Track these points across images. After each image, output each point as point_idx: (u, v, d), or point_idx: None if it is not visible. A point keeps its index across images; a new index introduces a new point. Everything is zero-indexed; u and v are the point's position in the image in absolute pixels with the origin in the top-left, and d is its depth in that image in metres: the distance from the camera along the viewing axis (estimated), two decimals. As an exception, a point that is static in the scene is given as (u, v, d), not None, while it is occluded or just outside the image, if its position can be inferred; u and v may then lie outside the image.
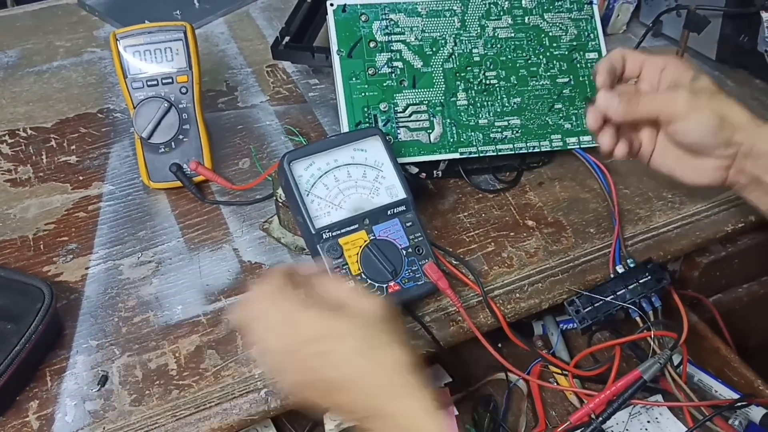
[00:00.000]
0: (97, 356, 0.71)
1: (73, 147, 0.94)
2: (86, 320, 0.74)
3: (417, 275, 0.73)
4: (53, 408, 0.67)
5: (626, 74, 0.66)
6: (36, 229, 0.84)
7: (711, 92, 0.62)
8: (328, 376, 0.54)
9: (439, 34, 0.86)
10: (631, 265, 0.78)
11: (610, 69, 0.64)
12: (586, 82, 0.89)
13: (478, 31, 0.87)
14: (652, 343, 0.76)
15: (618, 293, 0.77)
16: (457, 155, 0.85)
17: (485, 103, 0.86)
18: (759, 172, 0.62)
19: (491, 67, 0.87)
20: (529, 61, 0.88)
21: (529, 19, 0.88)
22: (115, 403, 0.68)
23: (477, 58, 0.86)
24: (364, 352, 0.54)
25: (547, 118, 0.87)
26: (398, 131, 0.83)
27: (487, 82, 0.86)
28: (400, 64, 0.84)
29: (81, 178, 0.90)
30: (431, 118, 0.84)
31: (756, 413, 0.74)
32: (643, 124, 0.67)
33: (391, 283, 0.72)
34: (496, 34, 0.87)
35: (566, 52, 0.89)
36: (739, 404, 0.74)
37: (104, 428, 0.66)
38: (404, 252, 0.73)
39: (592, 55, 0.89)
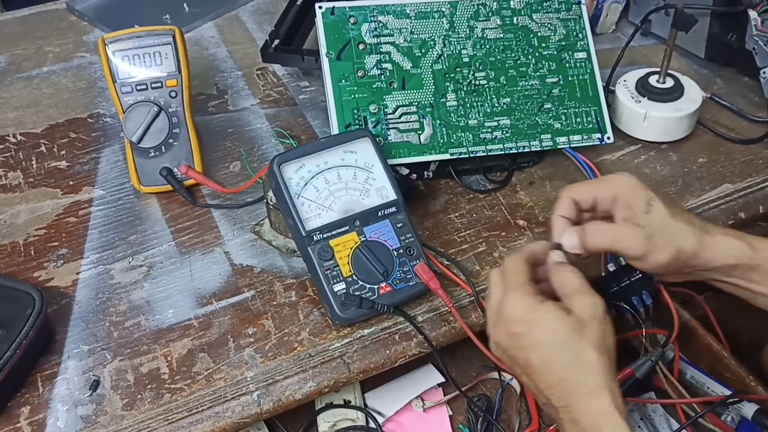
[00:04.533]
0: (89, 361, 0.71)
1: (63, 152, 0.94)
2: (77, 325, 0.74)
3: (408, 276, 0.73)
4: (45, 413, 0.67)
5: (583, 209, 0.68)
6: (26, 234, 0.84)
7: (664, 226, 0.63)
8: (521, 356, 0.59)
9: (428, 35, 0.86)
10: (623, 263, 0.78)
11: (562, 221, 0.67)
12: (575, 81, 0.89)
13: (467, 32, 0.87)
14: (643, 341, 0.76)
15: (609, 291, 0.77)
16: (447, 156, 0.85)
17: (475, 104, 0.86)
18: (716, 276, 0.66)
19: (480, 67, 0.87)
20: (518, 62, 0.88)
21: (517, 19, 0.89)
22: (107, 407, 0.67)
23: (466, 59, 0.87)
24: (560, 345, 0.57)
25: (536, 118, 0.87)
26: (388, 133, 0.83)
27: (477, 82, 0.86)
28: (389, 66, 0.84)
29: (71, 183, 0.90)
30: (421, 119, 0.84)
31: (748, 409, 0.74)
32: None
33: (383, 285, 0.72)
34: (485, 35, 0.88)
35: (555, 52, 0.89)
36: (731, 400, 0.74)
37: (96, 433, 0.66)
38: (395, 253, 0.73)
39: (581, 55, 0.90)
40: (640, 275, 0.76)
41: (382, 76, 0.84)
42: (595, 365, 0.56)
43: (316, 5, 0.84)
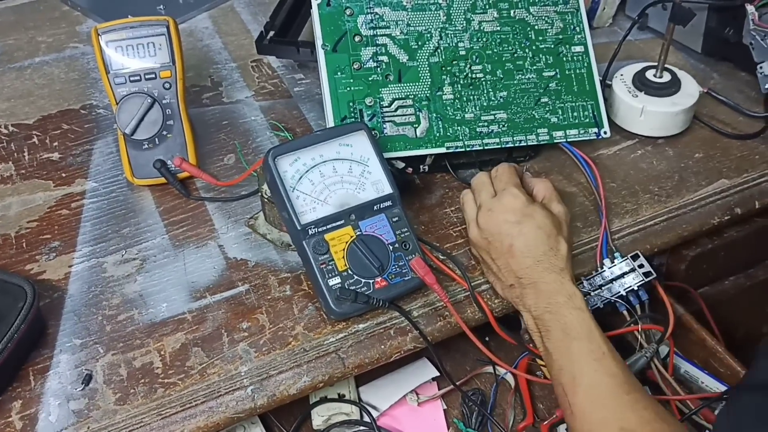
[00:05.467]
0: (81, 355, 0.70)
1: (56, 144, 0.93)
2: (70, 319, 0.73)
3: (404, 271, 0.73)
4: (37, 408, 0.67)
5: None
6: (18, 227, 0.83)
7: None
8: (507, 242, 0.71)
9: (424, 27, 0.85)
10: (618, 259, 0.78)
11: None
12: (572, 75, 0.89)
13: (464, 24, 0.87)
14: (639, 337, 0.76)
15: (605, 287, 0.77)
16: (443, 150, 0.84)
17: (471, 97, 0.86)
18: None
19: (477, 61, 0.86)
20: (515, 55, 0.87)
21: (514, 12, 0.88)
22: (99, 402, 0.67)
23: (463, 52, 0.86)
24: (547, 236, 0.71)
25: (533, 112, 0.87)
26: (384, 126, 0.83)
27: (473, 76, 0.86)
28: (385, 59, 0.84)
29: (64, 175, 0.89)
30: (417, 113, 0.84)
31: (743, 405, 0.74)
32: None
33: (378, 279, 0.72)
34: (481, 28, 0.87)
35: (552, 46, 0.89)
36: (725, 396, 0.74)
37: (89, 428, 0.65)
38: (391, 247, 0.73)
39: (578, 49, 0.89)
40: (636, 270, 0.76)
41: (379, 69, 0.84)
42: (564, 254, 0.71)
43: (312, -3, 0.83)
